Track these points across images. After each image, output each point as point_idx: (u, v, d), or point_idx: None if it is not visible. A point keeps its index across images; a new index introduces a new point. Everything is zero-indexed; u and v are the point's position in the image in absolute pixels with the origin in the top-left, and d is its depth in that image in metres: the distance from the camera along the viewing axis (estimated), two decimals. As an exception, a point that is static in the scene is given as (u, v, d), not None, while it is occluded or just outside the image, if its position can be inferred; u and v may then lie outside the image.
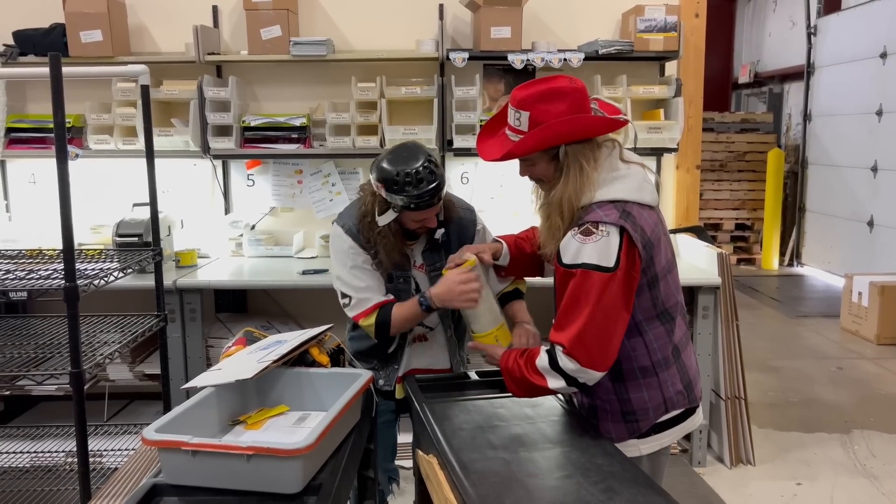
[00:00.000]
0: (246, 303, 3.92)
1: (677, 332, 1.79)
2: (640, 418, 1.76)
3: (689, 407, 1.81)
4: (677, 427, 1.80)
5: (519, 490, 1.43)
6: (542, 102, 1.69)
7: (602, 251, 1.62)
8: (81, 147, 3.59)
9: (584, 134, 1.71)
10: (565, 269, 1.67)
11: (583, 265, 1.63)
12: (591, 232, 1.64)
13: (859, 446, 3.67)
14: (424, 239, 2.19)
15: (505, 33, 3.49)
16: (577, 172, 1.69)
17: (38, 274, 2.36)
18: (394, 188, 1.96)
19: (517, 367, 1.75)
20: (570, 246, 1.66)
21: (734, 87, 10.64)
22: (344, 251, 2.15)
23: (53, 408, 3.71)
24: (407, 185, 1.94)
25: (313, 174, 3.88)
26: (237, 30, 3.79)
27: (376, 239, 2.08)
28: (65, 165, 2.04)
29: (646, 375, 1.74)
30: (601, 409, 1.79)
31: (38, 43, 3.52)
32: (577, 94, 1.70)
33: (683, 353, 1.80)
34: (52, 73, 1.99)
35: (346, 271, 2.14)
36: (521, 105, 1.72)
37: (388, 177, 1.96)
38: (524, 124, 1.72)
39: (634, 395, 1.75)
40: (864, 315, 5.60)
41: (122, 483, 1.80)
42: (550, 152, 1.73)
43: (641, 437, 1.77)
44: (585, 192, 1.69)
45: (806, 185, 8.34)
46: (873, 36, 6.97)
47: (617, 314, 1.65)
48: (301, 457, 1.36)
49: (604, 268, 1.61)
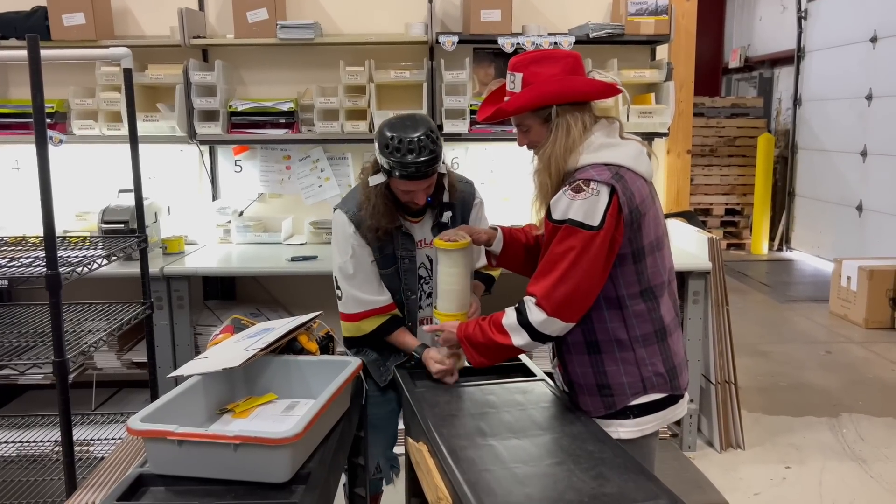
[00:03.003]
0: (234, 290, 3.89)
1: (663, 313, 1.76)
2: (616, 393, 1.74)
3: (671, 394, 1.79)
4: (658, 413, 1.78)
5: (509, 477, 1.42)
6: (535, 65, 1.72)
7: (589, 209, 1.63)
8: (65, 132, 3.53)
9: (574, 95, 1.71)
10: (553, 224, 1.67)
11: (568, 221, 1.64)
12: (581, 189, 1.64)
13: (848, 430, 3.69)
14: (431, 216, 2.17)
15: (495, 16, 3.46)
16: (563, 133, 1.70)
17: (20, 262, 2.32)
18: (385, 150, 1.97)
19: (478, 331, 1.77)
20: (560, 202, 1.67)
21: (724, 72, 10.63)
22: (345, 238, 2.12)
23: (41, 396, 3.67)
24: (397, 151, 1.95)
25: (302, 160, 3.84)
26: (223, 13, 3.73)
27: (366, 202, 2.06)
28: (44, 150, 2.00)
29: (622, 349, 1.74)
30: (576, 382, 1.79)
31: (20, 26, 3.45)
32: (571, 59, 1.73)
33: (670, 338, 1.79)
34: (31, 55, 1.95)
35: (344, 263, 2.12)
36: (514, 67, 1.75)
37: (382, 138, 1.98)
38: (517, 86, 1.73)
39: (610, 369, 1.74)
40: (853, 299, 5.63)
41: (109, 473, 1.77)
42: (542, 114, 1.73)
43: (620, 419, 1.76)
44: (572, 154, 1.70)
45: (796, 170, 8.36)
46: (863, 20, 6.96)
47: (593, 272, 1.65)
48: (289, 446, 1.34)
49: (587, 226, 1.62)
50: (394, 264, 2.14)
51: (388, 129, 1.99)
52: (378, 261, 2.13)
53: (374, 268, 2.13)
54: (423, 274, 2.19)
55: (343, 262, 2.13)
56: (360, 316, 2.14)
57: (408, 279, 2.16)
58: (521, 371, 2.07)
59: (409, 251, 2.15)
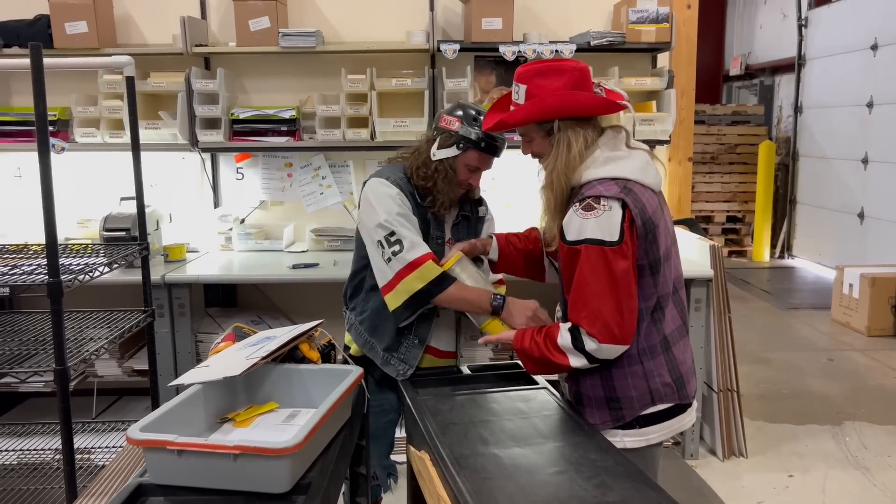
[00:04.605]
0: (236, 297, 3.89)
1: (668, 322, 1.76)
2: (625, 406, 1.74)
3: (678, 403, 1.78)
4: (665, 423, 1.78)
5: (512, 486, 1.41)
6: (540, 77, 1.71)
7: (604, 226, 1.61)
8: (67, 140, 3.54)
9: (576, 111, 1.70)
10: (569, 246, 1.66)
11: (587, 241, 1.62)
12: (592, 207, 1.63)
13: (851, 438, 3.67)
14: (455, 212, 2.19)
15: (496, 24, 3.46)
16: (565, 149, 1.70)
17: (22, 269, 2.31)
18: (472, 122, 2.02)
19: (535, 347, 1.73)
20: (572, 222, 1.65)
21: (725, 80, 10.64)
22: (391, 196, 2.03)
23: (41, 404, 3.67)
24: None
25: (303, 167, 3.84)
26: (225, 21, 3.74)
27: (433, 175, 2.05)
28: (47, 158, 2.00)
29: (631, 363, 1.72)
30: (585, 395, 1.78)
31: (23, 34, 3.47)
32: (577, 73, 1.71)
33: (675, 347, 1.78)
34: (33, 63, 1.95)
35: (394, 217, 2.00)
36: (519, 78, 1.75)
37: (469, 112, 2.03)
38: (521, 97, 1.74)
39: (619, 383, 1.73)
40: (855, 307, 5.61)
41: (109, 482, 1.77)
42: (545, 127, 1.73)
43: (626, 429, 1.75)
44: (575, 170, 1.69)
45: (797, 178, 8.36)
46: (864, 28, 6.97)
47: (628, 286, 1.64)
48: (289, 456, 1.33)
49: (608, 242, 1.61)
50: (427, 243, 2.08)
51: (469, 107, 2.04)
52: None
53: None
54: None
55: (389, 214, 2.00)
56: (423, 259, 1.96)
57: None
58: (523, 379, 2.06)
59: (440, 235, 2.16)
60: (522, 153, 1.85)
